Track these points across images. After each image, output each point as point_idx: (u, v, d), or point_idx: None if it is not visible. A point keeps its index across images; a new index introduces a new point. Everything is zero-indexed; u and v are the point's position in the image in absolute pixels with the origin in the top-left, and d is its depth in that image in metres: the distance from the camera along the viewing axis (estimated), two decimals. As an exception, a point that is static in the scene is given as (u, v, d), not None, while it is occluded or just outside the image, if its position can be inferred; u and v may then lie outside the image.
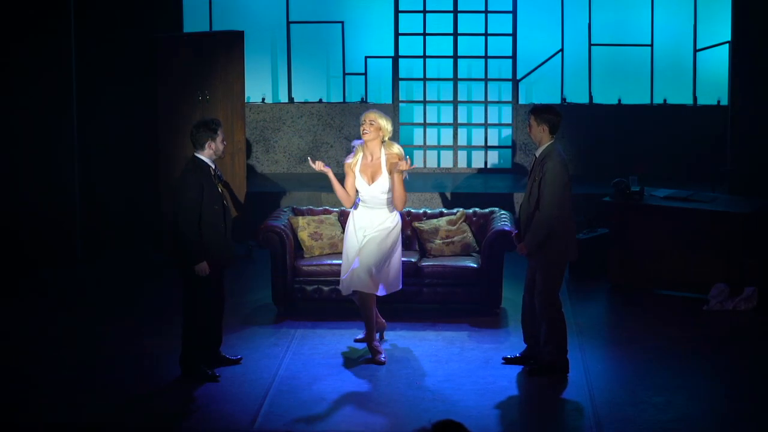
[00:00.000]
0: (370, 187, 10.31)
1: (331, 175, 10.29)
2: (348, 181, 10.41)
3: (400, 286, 10.52)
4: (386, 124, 10.31)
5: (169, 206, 13.37)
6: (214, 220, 9.75)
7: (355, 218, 10.39)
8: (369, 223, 10.32)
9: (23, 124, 13.02)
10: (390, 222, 10.32)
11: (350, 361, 10.30)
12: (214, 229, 9.75)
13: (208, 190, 9.73)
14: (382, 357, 10.28)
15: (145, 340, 10.84)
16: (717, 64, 15.24)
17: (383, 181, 10.30)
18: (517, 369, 10.07)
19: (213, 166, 9.88)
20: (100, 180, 13.76)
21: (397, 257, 10.39)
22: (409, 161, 10.21)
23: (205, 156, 9.85)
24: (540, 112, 9.81)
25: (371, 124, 10.26)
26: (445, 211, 12.13)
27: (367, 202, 10.36)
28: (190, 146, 13.21)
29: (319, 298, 11.53)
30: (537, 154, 9.83)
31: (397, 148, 10.36)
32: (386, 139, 10.35)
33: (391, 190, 10.30)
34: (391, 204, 10.36)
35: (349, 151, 10.68)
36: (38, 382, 9.83)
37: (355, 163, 10.37)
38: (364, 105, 15.45)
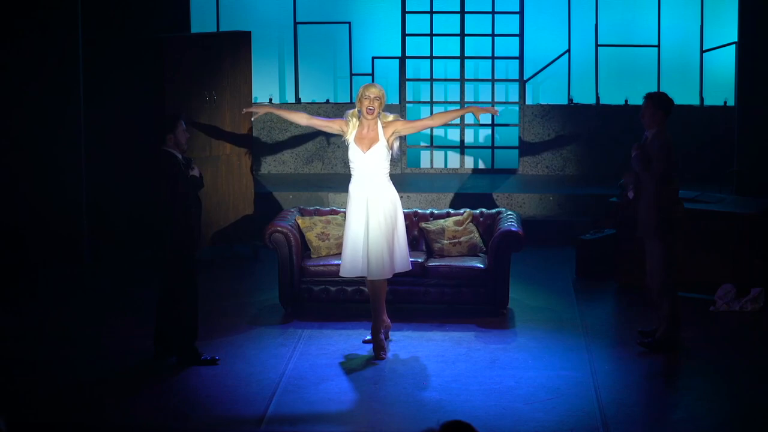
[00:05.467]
0: (365, 155, 10.24)
1: (267, 109, 11.03)
2: (324, 122, 10.61)
3: (410, 266, 10.52)
4: (385, 96, 10.34)
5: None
6: None
7: (352, 191, 10.33)
8: (369, 190, 10.25)
9: (29, 123, 13.03)
10: (391, 192, 10.28)
11: (357, 361, 10.31)
12: None
13: None
14: (383, 353, 10.30)
15: (149, 339, 10.83)
16: (724, 64, 15.23)
17: (379, 148, 10.25)
18: (523, 369, 10.08)
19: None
20: (106, 179, 13.76)
21: (402, 233, 10.37)
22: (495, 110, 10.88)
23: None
24: None
25: (377, 100, 10.26)
26: (452, 211, 12.13)
27: (360, 172, 10.28)
28: (198, 145, 13.34)
29: (327, 299, 11.53)
30: None
31: (392, 116, 10.39)
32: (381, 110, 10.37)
33: (387, 159, 10.28)
34: (386, 176, 10.32)
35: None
36: (39, 381, 9.84)
37: (350, 131, 10.35)
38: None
